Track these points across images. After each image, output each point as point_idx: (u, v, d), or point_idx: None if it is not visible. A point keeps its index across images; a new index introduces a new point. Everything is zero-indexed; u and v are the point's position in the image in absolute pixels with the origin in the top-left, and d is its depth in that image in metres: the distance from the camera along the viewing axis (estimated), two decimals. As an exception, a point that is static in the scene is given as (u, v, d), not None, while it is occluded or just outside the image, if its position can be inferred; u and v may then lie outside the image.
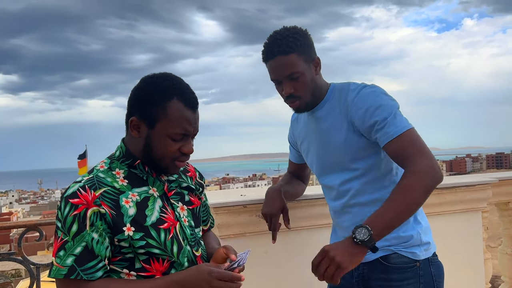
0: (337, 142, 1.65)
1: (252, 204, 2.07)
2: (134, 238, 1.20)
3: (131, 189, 1.25)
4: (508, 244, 3.07)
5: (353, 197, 1.68)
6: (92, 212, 1.17)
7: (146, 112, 1.24)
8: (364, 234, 1.37)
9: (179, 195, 1.36)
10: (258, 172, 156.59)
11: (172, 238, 1.26)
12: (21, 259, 2.17)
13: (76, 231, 1.15)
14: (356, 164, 1.64)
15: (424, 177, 1.44)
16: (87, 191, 1.18)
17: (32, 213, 65.46)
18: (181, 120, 1.24)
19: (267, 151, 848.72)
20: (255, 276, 2.03)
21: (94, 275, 1.16)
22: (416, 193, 1.43)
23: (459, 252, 2.51)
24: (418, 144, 1.51)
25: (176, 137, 1.25)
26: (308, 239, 2.19)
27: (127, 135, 1.32)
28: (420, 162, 1.46)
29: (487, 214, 2.81)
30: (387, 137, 1.52)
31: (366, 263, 1.66)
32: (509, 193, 2.97)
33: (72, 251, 1.15)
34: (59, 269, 1.15)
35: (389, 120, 1.52)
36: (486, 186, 2.56)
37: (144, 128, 1.25)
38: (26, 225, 2.21)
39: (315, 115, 1.73)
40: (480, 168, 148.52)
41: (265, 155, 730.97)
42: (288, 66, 1.58)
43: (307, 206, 2.17)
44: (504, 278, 3.10)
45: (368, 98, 1.57)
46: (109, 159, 1.32)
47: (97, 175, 1.24)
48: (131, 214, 1.21)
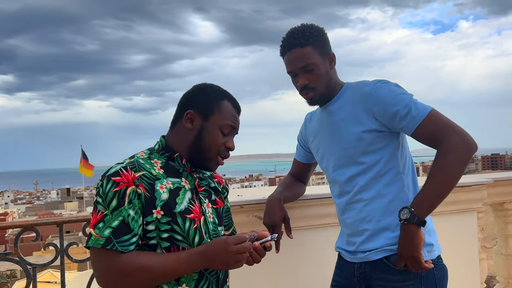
0: (351, 133, 1.67)
1: (249, 205, 2.08)
2: (161, 221, 1.29)
3: (166, 178, 1.35)
4: (503, 245, 3.09)
5: (357, 193, 1.70)
6: (131, 190, 1.27)
7: (203, 106, 1.41)
8: (404, 213, 1.54)
9: (207, 192, 1.47)
10: (255, 172, 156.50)
11: (195, 228, 1.35)
12: (17, 260, 2.16)
13: (115, 206, 1.25)
14: (364, 157, 1.67)
15: (459, 153, 1.52)
16: (128, 171, 1.29)
17: (27, 213, 65.14)
18: (231, 116, 1.43)
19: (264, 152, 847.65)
20: (252, 276, 2.03)
21: (128, 248, 1.24)
22: (452, 169, 1.53)
23: (454, 252, 2.52)
24: (445, 122, 1.58)
25: (225, 130, 1.41)
26: (305, 239, 2.20)
27: (169, 132, 1.45)
28: (451, 139, 1.54)
29: (482, 214, 2.82)
30: (414, 123, 1.58)
31: (368, 262, 1.68)
32: (504, 193, 2.99)
33: (110, 223, 1.24)
34: (97, 239, 1.23)
35: (411, 107, 1.58)
36: (481, 186, 2.57)
37: (199, 120, 1.40)
38: (23, 225, 2.20)
39: (328, 110, 1.76)
40: (476, 169, 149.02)
41: (262, 156, 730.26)
42: (304, 57, 1.66)
43: (304, 207, 2.18)
44: (499, 278, 3.12)
45: (385, 89, 1.63)
46: (149, 150, 1.43)
47: (138, 160, 1.35)
48: (164, 198, 1.31)
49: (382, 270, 1.65)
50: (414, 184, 1.72)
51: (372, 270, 1.67)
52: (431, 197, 1.55)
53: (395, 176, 1.67)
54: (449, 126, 1.56)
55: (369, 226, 1.68)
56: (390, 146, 1.67)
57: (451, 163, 1.53)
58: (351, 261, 1.75)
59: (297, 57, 1.67)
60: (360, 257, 1.71)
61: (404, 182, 1.68)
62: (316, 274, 2.17)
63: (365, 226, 1.69)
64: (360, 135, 1.65)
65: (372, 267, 1.67)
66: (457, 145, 1.53)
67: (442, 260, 1.70)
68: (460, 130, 1.55)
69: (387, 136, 1.66)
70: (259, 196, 2.11)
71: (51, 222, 2.31)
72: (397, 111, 1.59)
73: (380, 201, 1.66)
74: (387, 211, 1.66)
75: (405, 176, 1.69)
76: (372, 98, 1.63)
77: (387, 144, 1.66)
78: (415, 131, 1.59)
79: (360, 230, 1.70)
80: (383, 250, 1.65)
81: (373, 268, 1.67)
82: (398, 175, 1.68)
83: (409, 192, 1.68)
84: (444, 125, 1.57)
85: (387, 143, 1.66)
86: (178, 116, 1.44)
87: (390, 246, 1.64)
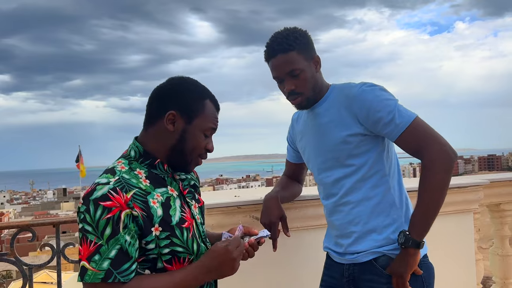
0: (337, 137, 1.68)
1: (246, 205, 2.08)
2: (160, 237, 1.23)
3: (154, 190, 1.27)
4: (499, 245, 3.10)
5: (344, 196, 1.71)
6: (125, 215, 1.17)
7: (187, 107, 1.32)
8: (401, 237, 1.58)
9: (191, 193, 1.43)
10: (252, 173, 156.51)
11: (192, 236, 1.31)
12: (13, 260, 2.15)
13: (110, 234, 1.15)
14: (351, 160, 1.68)
15: (439, 166, 1.55)
16: (119, 193, 1.17)
17: (23, 213, 64.91)
18: (213, 118, 1.37)
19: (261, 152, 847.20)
20: (249, 277, 2.03)
21: (129, 276, 1.17)
22: (436, 184, 1.56)
23: (450, 253, 2.53)
24: (427, 131, 1.59)
25: (208, 133, 1.36)
26: (302, 240, 2.20)
27: (144, 134, 1.35)
28: (431, 151, 1.56)
29: (478, 215, 2.83)
30: (397, 130, 1.59)
31: (357, 264, 1.70)
32: (500, 194, 3.00)
33: (107, 254, 1.14)
34: (95, 274, 1.13)
35: (395, 114, 1.59)
36: (477, 187, 2.58)
37: (181, 122, 1.31)
38: (19, 225, 2.20)
39: (314, 112, 1.77)
40: (472, 170, 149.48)
41: (259, 156, 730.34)
42: (289, 63, 1.64)
43: (301, 207, 2.18)
44: (495, 279, 3.13)
45: (370, 94, 1.62)
46: (126, 159, 1.32)
47: (123, 176, 1.23)
48: (160, 214, 1.24)
49: (371, 272, 1.67)
50: (399, 186, 1.74)
51: (361, 272, 1.69)
52: (424, 218, 1.58)
53: (381, 178, 1.69)
54: (431, 136, 1.58)
55: (356, 228, 1.70)
56: (376, 149, 1.68)
57: (435, 177, 1.56)
58: (339, 262, 1.77)
59: (282, 63, 1.65)
60: (348, 258, 1.73)
61: (390, 184, 1.70)
62: (313, 274, 2.17)
63: (353, 228, 1.71)
64: (346, 138, 1.66)
65: (361, 268, 1.69)
66: (438, 157, 1.55)
67: (428, 259, 1.72)
68: (441, 141, 1.58)
69: (372, 139, 1.67)
70: (256, 197, 2.11)
71: (48, 223, 2.30)
72: (381, 117, 1.59)
73: (366, 204, 1.68)
74: (374, 213, 1.68)
75: (390, 178, 1.71)
76: (356, 102, 1.63)
77: (372, 147, 1.67)
78: (398, 138, 1.60)
79: (348, 232, 1.72)
80: (372, 252, 1.67)
81: (362, 269, 1.69)
82: (384, 177, 1.69)
83: (394, 194, 1.70)
84: (426, 135, 1.58)
85: (372, 146, 1.67)
86: (154, 115, 1.33)
87: (378, 248, 1.66)
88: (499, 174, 3.55)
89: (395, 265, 1.60)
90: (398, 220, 1.68)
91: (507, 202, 3.04)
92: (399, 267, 1.59)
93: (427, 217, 1.57)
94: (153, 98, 1.35)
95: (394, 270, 1.60)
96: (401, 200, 1.72)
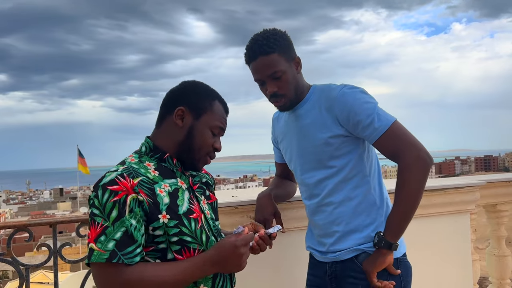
0: (318, 138, 1.70)
1: (243, 206, 2.08)
2: (169, 225, 1.26)
3: (162, 180, 1.31)
4: (495, 246, 3.11)
5: (326, 197, 1.74)
6: (131, 199, 1.21)
7: (195, 104, 1.38)
8: (375, 238, 1.64)
9: (201, 189, 1.46)
10: (249, 173, 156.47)
11: (201, 227, 1.34)
12: (10, 260, 2.14)
13: (116, 216, 1.18)
14: (332, 162, 1.70)
15: (415, 171, 1.59)
16: (125, 179, 1.22)
17: (20, 213, 64.66)
18: (221, 117, 1.42)
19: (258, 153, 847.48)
20: (246, 277, 2.03)
21: (133, 259, 1.19)
22: (411, 188, 1.60)
23: (447, 253, 2.53)
24: (405, 136, 1.62)
25: (215, 131, 1.40)
26: (299, 240, 2.20)
27: (155, 131, 1.41)
28: (407, 156, 1.59)
29: (475, 216, 2.84)
30: (376, 134, 1.61)
31: (339, 261, 1.74)
32: (497, 195, 3.01)
33: (112, 236, 1.17)
34: (100, 254, 1.16)
35: (374, 117, 1.61)
36: (474, 188, 2.59)
37: (189, 118, 1.37)
38: (16, 225, 2.19)
39: (295, 113, 1.78)
40: (469, 171, 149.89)
41: (256, 157, 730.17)
42: (270, 65, 1.64)
43: (298, 207, 2.19)
44: (491, 279, 3.14)
45: (350, 96, 1.64)
46: (137, 154, 1.38)
47: (131, 166, 1.29)
48: (166, 202, 1.27)
49: (352, 269, 1.71)
50: (380, 186, 1.77)
51: (342, 269, 1.73)
52: (398, 221, 1.62)
53: (362, 179, 1.72)
54: (408, 141, 1.61)
55: (339, 228, 1.74)
56: (357, 150, 1.71)
57: (410, 182, 1.59)
58: (322, 260, 1.81)
59: (263, 65, 1.64)
60: (330, 257, 1.77)
61: (371, 185, 1.74)
62: (310, 275, 2.16)
63: (335, 228, 1.74)
64: (327, 140, 1.68)
65: (342, 266, 1.73)
66: (414, 162, 1.58)
67: (407, 257, 1.77)
68: (418, 146, 1.61)
69: (353, 141, 1.70)
70: (253, 197, 2.11)
71: (44, 223, 2.29)
72: (360, 120, 1.62)
73: (348, 204, 1.72)
74: (356, 213, 1.72)
75: (371, 178, 1.74)
76: (337, 105, 1.65)
77: (353, 148, 1.70)
78: (376, 141, 1.63)
79: (331, 232, 1.76)
80: (353, 250, 1.71)
81: (343, 267, 1.73)
82: (365, 178, 1.72)
83: (375, 194, 1.74)
84: (403, 139, 1.61)
85: (353, 148, 1.70)
86: (165, 113, 1.40)
87: (358, 246, 1.70)
88: (495, 174, 3.56)
89: (365, 262, 1.66)
90: (378, 219, 1.72)
91: (504, 203, 3.05)
92: (367, 264, 1.64)
93: (401, 221, 1.62)
94: (165, 99, 1.42)
95: (364, 266, 1.66)
96: (381, 200, 1.75)
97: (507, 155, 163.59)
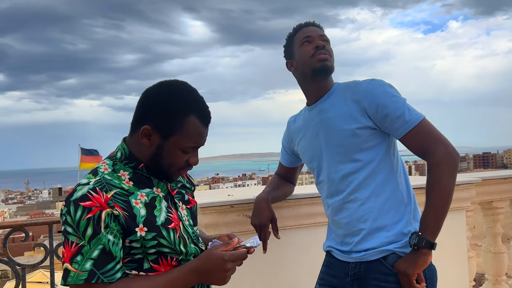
0: (346, 130, 1.67)
1: (239, 204, 2.08)
2: (146, 238, 1.20)
3: (138, 190, 1.25)
4: (491, 243, 3.12)
5: (352, 192, 1.69)
6: (106, 214, 1.15)
7: (163, 124, 1.24)
8: (413, 238, 1.58)
9: (180, 194, 1.40)
10: (248, 171, 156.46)
11: (179, 237, 1.28)
12: (6, 260, 2.15)
13: (91, 234, 1.13)
14: (359, 155, 1.67)
15: (445, 166, 1.58)
16: (98, 193, 1.16)
17: (19, 213, 64.57)
18: (195, 135, 1.27)
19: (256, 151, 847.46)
20: (243, 276, 2.04)
21: (114, 277, 1.15)
22: (444, 184, 1.58)
23: (443, 250, 2.53)
24: (435, 132, 1.62)
25: (187, 150, 1.28)
26: (295, 238, 2.21)
27: (130, 137, 1.31)
28: (437, 152, 1.58)
29: (471, 213, 2.85)
30: (405, 127, 1.61)
31: (364, 262, 1.67)
32: (492, 192, 3.02)
33: (89, 255, 1.12)
34: (78, 275, 1.11)
35: (404, 111, 1.61)
36: (469, 185, 2.60)
37: (157, 138, 1.25)
38: (12, 225, 2.19)
39: (319, 107, 1.77)
40: (467, 168, 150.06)
41: (255, 155, 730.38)
42: (322, 31, 1.80)
43: (294, 206, 2.19)
44: (488, 276, 3.15)
45: (380, 89, 1.65)
46: (111, 160, 1.30)
47: (104, 177, 1.22)
48: (143, 214, 1.21)
49: (378, 271, 1.64)
50: (407, 183, 1.73)
51: (367, 270, 1.66)
52: (435, 219, 1.58)
53: (389, 174, 1.68)
54: (438, 137, 1.61)
55: (365, 225, 1.67)
56: (384, 143, 1.68)
57: (442, 178, 1.58)
58: (344, 260, 1.74)
59: (317, 29, 1.79)
60: (355, 256, 1.70)
61: (398, 181, 1.69)
62: (307, 273, 2.17)
63: (362, 225, 1.68)
64: (355, 131, 1.65)
65: (367, 267, 1.66)
66: (444, 159, 1.58)
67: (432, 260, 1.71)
68: (447, 142, 1.60)
69: (381, 134, 1.67)
70: (249, 196, 2.11)
71: (41, 223, 2.30)
72: (389, 113, 1.61)
73: (375, 200, 1.66)
74: (383, 210, 1.66)
75: (398, 174, 1.70)
76: (366, 96, 1.64)
77: (381, 141, 1.67)
78: (405, 135, 1.61)
79: (356, 230, 1.69)
80: (381, 251, 1.65)
81: (368, 268, 1.66)
82: (392, 173, 1.68)
83: (403, 190, 1.69)
84: (433, 136, 1.61)
85: (381, 141, 1.67)
86: (135, 123, 1.29)
87: (386, 246, 1.64)
88: (492, 172, 3.57)
89: (403, 264, 1.58)
90: (406, 217, 1.67)
91: (499, 200, 3.06)
92: (408, 266, 1.57)
93: (437, 218, 1.58)
94: (138, 103, 1.30)
95: (402, 269, 1.57)
96: (409, 197, 1.71)
97: (505, 152, 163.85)
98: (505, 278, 3.11)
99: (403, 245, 1.63)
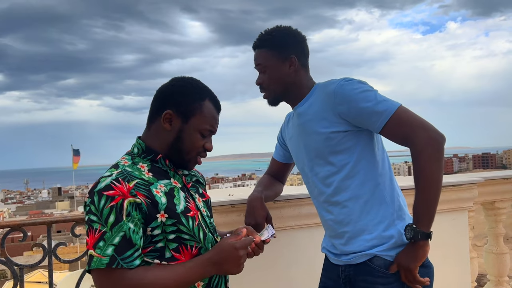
0: (319, 134, 1.67)
1: (239, 204, 2.07)
2: (167, 223, 1.27)
3: (157, 181, 1.32)
4: (493, 243, 3.11)
5: (332, 195, 1.69)
6: (128, 203, 1.21)
7: (184, 107, 1.35)
8: (408, 231, 1.56)
9: (194, 187, 1.47)
10: (248, 171, 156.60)
11: (198, 225, 1.35)
12: (4, 260, 2.13)
13: (113, 221, 1.19)
14: (333, 157, 1.67)
15: (428, 152, 1.52)
16: (121, 183, 1.23)
17: (18, 213, 64.56)
18: (212, 119, 1.40)
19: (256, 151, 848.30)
20: (242, 276, 2.02)
21: (133, 263, 1.19)
22: (430, 171, 1.53)
23: (445, 251, 2.53)
24: (413, 118, 1.57)
25: (205, 133, 1.38)
26: (296, 238, 2.19)
27: (146, 132, 1.40)
28: (417, 138, 1.53)
29: (473, 213, 2.84)
30: (382, 120, 1.56)
31: (352, 265, 1.68)
32: (495, 192, 3.00)
33: (111, 241, 1.18)
34: (100, 260, 1.16)
35: (376, 103, 1.57)
36: (472, 186, 2.58)
37: (178, 121, 1.36)
38: (10, 225, 2.17)
39: (297, 112, 1.78)
40: (467, 168, 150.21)
41: (254, 155, 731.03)
42: (258, 58, 1.76)
43: (295, 206, 2.18)
44: (489, 276, 3.14)
45: (348, 87, 1.62)
46: (129, 155, 1.38)
47: (125, 169, 1.29)
48: (164, 202, 1.28)
49: (366, 272, 1.64)
50: (391, 182, 1.70)
51: (356, 273, 1.67)
52: (426, 207, 1.55)
53: (368, 175, 1.66)
54: (418, 123, 1.55)
55: (348, 228, 1.68)
56: (360, 144, 1.65)
57: (426, 164, 1.52)
58: (336, 263, 1.76)
59: (255, 57, 1.77)
60: (344, 260, 1.71)
61: (379, 180, 1.67)
62: (307, 273, 2.16)
63: (344, 228, 1.69)
64: (328, 135, 1.65)
65: (356, 269, 1.67)
66: (427, 143, 1.52)
67: (428, 258, 1.69)
68: (427, 126, 1.55)
69: (355, 135, 1.65)
70: (250, 196, 2.09)
71: (39, 222, 2.28)
72: (361, 108, 1.58)
73: (356, 202, 1.66)
74: (364, 212, 1.65)
75: (379, 174, 1.67)
76: (336, 98, 1.62)
77: (356, 142, 1.65)
78: (384, 127, 1.57)
79: (340, 233, 1.71)
80: (366, 254, 1.64)
81: (357, 270, 1.67)
82: (371, 174, 1.66)
83: (384, 190, 1.67)
84: (411, 123, 1.56)
85: (356, 142, 1.65)
86: (155, 114, 1.39)
87: (369, 250, 1.63)
88: (493, 172, 3.56)
89: (402, 258, 1.58)
90: (389, 217, 1.65)
91: (501, 200, 3.05)
92: (407, 260, 1.56)
93: (428, 206, 1.55)
94: (154, 98, 1.40)
95: (402, 263, 1.57)
96: (392, 197, 1.68)
97: (505, 153, 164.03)
98: (507, 279, 3.09)
99: (386, 248, 1.62)
